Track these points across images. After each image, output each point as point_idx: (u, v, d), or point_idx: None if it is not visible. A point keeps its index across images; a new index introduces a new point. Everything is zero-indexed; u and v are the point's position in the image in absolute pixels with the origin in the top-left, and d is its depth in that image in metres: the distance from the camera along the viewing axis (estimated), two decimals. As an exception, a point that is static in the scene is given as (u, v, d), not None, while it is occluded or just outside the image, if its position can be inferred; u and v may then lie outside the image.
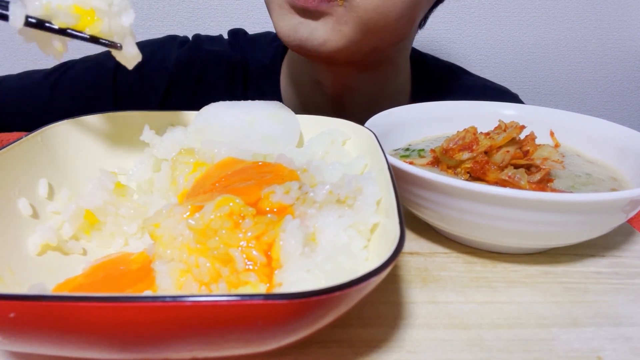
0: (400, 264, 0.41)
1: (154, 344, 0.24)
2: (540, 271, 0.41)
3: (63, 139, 0.42)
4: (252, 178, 0.37)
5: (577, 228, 0.38)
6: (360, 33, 0.60)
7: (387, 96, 0.79)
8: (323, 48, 0.61)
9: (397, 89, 0.81)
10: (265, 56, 0.84)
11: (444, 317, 0.35)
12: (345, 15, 0.58)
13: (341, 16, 0.58)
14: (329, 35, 0.60)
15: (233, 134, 0.44)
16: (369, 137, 0.42)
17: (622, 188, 0.44)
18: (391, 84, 0.79)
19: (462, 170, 0.45)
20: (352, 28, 0.59)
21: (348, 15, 0.58)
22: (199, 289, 0.30)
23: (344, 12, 0.58)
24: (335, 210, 0.34)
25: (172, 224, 0.32)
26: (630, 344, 0.33)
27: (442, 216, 0.40)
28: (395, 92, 0.81)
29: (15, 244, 0.34)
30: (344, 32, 0.59)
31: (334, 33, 0.60)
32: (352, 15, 0.58)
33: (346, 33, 0.60)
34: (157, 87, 0.80)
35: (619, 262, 0.43)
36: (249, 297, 0.22)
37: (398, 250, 0.26)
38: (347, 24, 0.59)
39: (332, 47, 0.61)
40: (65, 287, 0.32)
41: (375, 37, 0.62)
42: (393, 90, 0.80)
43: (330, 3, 0.57)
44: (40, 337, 0.24)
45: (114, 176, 0.41)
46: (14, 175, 0.36)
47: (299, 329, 0.25)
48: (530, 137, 0.48)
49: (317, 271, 0.30)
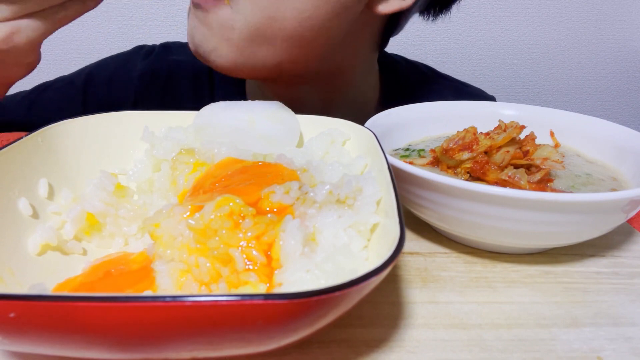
0: (400, 264, 0.41)
1: (154, 344, 0.24)
2: (540, 271, 0.41)
3: (63, 139, 0.42)
4: (252, 178, 0.37)
5: (577, 228, 0.38)
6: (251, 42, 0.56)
7: (339, 108, 0.77)
8: (214, 56, 0.58)
9: (354, 99, 0.78)
10: None
11: (444, 317, 0.35)
12: (231, 17, 0.55)
13: (227, 20, 0.55)
14: (217, 43, 0.57)
15: (233, 134, 0.44)
16: (369, 137, 0.42)
17: (622, 188, 0.44)
18: (345, 96, 0.76)
19: (462, 170, 0.45)
20: (240, 35, 0.56)
21: (235, 18, 0.55)
22: (199, 289, 0.30)
23: (230, 14, 0.55)
24: (335, 211, 0.34)
25: (172, 224, 0.32)
26: (630, 344, 0.33)
27: (442, 216, 0.40)
28: (353, 102, 0.78)
29: (15, 244, 0.34)
30: (233, 39, 0.56)
31: (221, 40, 0.57)
32: (238, 18, 0.55)
33: (234, 41, 0.56)
34: (125, 102, 0.81)
35: (619, 262, 0.43)
36: (249, 297, 0.22)
37: (398, 250, 0.26)
38: (233, 30, 0.56)
39: (223, 56, 0.58)
40: (65, 287, 0.32)
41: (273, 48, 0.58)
42: (349, 100, 0.77)
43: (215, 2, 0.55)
44: (40, 337, 0.24)
45: (114, 178, 0.41)
46: (14, 175, 0.36)
47: (299, 329, 0.25)
48: (530, 137, 0.48)
49: (317, 271, 0.30)
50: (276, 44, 0.58)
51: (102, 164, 0.43)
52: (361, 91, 0.79)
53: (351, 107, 0.78)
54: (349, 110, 0.76)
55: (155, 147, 0.43)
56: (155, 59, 0.84)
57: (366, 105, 0.81)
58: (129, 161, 0.45)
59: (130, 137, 0.45)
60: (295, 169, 0.39)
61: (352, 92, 0.78)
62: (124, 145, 0.45)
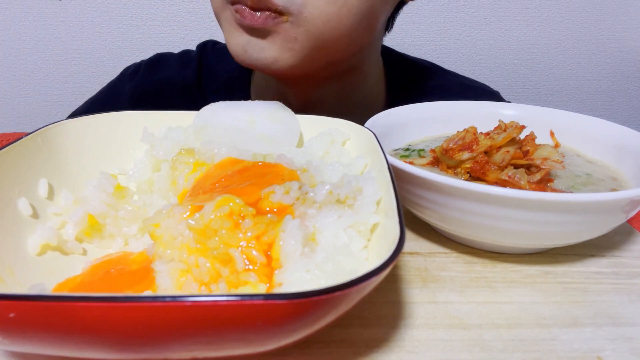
0: (400, 264, 0.41)
1: (154, 344, 0.24)
2: (540, 271, 0.41)
3: (63, 139, 0.42)
4: (252, 178, 0.37)
5: (577, 228, 0.38)
6: (312, 49, 0.57)
7: (355, 104, 0.77)
8: (275, 66, 0.58)
9: (366, 95, 0.79)
10: (234, 67, 0.81)
11: (444, 317, 0.35)
12: (293, 31, 0.55)
13: (289, 33, 0.56)
14: (279, 54, 0.57)
15: (233, 134, 0.44)
16: (369, 137, 0.42)
17: (622, 188, 0.44)
18: (359, 91, 0.77)
19: (462, 170, 0.45)
20: (302, 44, 0.57)
21: (296, 31, 0.55)
22: (199, 289, 0.30)
23: (291, 28, 0.55)
24: (335, 211, 0.34)
25: (172, 224, 0.32)
26: (630, 344, 0.33)
27: (442, 216, 0.40)
28: (365, 98, 0.79)
29: (15, 244, 0.34)
30: (295, 49, 0.57)
31: (283, 51, 0.57)
32: (300, 31, 0.55)
33: (297, 50, 0.57)
34: None
35: (619, 262, 0.43)
36: (249, 297, 0.22)
37: (398, 250, 0.26)
38: (296, 40, 0.56)
39: (284, 65, 0.58)
40: (65, 287, 0.32)
41: (330, 51, 0.60)
42: (362, 96, 0.78)
43: (275, 20, 0.54)
44: (40, 337, 0.24)
45: (113, 179, 0.41)
46: (14, 175, 0.36)
47: (299, 329, 0.25)
48: (530, 137, 0.48)
49: (317, 271, 0.30)
50: (334, 46, 0.59)
51: (102, 164, 0.43)
52: (369, 86, 0.79)
53: (363, 106, 0.78)
54: (361, 111, 0.76)
55: (155, 147, 0.43)
56: (141, 79, 0.83)
57: (375, 102, 0.81)
58: (129, 161, 0.45)
59: (130, 137, 0.45)
60: (295, 169, 0.39)
61: (365, 87, 0.78)
62: (124, 145, 0.45)
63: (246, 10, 0.54)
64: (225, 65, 0.83)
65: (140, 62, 0.87)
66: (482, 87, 0.88)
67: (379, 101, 0.81)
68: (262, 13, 0.54)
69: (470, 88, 0.86)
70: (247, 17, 0.54)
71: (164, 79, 0.82)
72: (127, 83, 0.83)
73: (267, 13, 0.54)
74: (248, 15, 0.54)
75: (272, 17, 0.54)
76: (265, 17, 0.54)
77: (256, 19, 0.54)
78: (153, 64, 0.85)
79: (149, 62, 0.86)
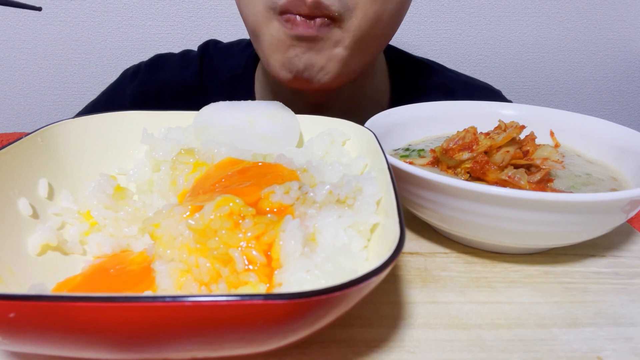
0: (400, 264, 0.41)
1: (154, 344, 0.24)
2: (540, 271, 0.41)
3: (63, 139, 0.42)
4: (252, 178, 0.37)
5: (577, 228, 0.38)
6: (352, 52, 0.58)
7: (368, 98, 0.77)
8: (320, 75, 0.58)
9: (373, 94, 0.79)
10: (238, 65, 0.81)
11: (444, 317, 0.35)
12: (341, 36, 0.56)
13: (338, 39, 0.56)
14: (325, 62, 0.57)
15: (233, 134, 0.44)
16: (369, 137, 0.42)
17: (622, 188, 0.44)
18: (367, 92, 0.77)
19: (462, 170, 0.45)
20: (344, 49, 0.57)
21: (343, 36, 0.56)
22: (199, 289, 0.30)
23: (340, 34, 0.56)
24: (335, 211, 0.34)
25: (172, 224, 0.32)
26: (630, 344, 0.33)
27: (442, 216, 0.40)
28: (372, 98, 0.79)
29: (15, 244, 0.34)
30: (339, 55, 0.57)
31: (329, 59, 0.57)
32: (346, 36, 0.56)
33: (340, 56, 0.57)
34: None
35: (619, 262, 0.43)
36: (249, 297, 0.22)
37: (398, 250, 0.26)
38: (341, 44, 0.56)
39: (329, 73, 0.58)
40: (65, 287, 0.32)
41: (366, 54, 0.60)
42: (369, 96, 0.78)
43: (329, 27, 0.54)
44: (40, 337, 0.24)
45: (113, 180, 0.41)
46: (14, 175, 0.36)
47: (299, 329, 0.25)
48: (530, 137, 0.48)
49: (317, 271, 0.30)
50: (370, 49, 0.60)
51: (102, 164, 0.43)
52: (376, 84, 0.79)
53: (373, 100, 0.78)
54: (371, 105, 0.75)
55: (155, 147, 0.43)
56: (141, 81, 0.83)
57: (380, 101, 0.81)
58: (129, 161, 0.45)
59: (130, 137, 0.45)
60: (295, 169, 0.39)
61: (375, 82, 0.78)
62: (124, 145, 0.45)
63: (298, 19, 0.52)
64: (228, 64, 0.82)
65: (140, 64, 0.86)
66: (485, 85, 0.88)
67: (384, 100, 0.81)
68: (316, 20, 0.52)
69: (473, 86, 0.86)
70: (301, 25, 0.52)
71: (165, 79, 0.82)
72: (127, 86, 0.83)
73: (321, 20, 0.52)
74: (301, 23, 0.52)
75: (326, 23, 0.53)
76: (320, 24, 0.52)
77: (311, 27, 0.52)
78: (153, 65, 0.85)
79: (149, 64, 0.86)
